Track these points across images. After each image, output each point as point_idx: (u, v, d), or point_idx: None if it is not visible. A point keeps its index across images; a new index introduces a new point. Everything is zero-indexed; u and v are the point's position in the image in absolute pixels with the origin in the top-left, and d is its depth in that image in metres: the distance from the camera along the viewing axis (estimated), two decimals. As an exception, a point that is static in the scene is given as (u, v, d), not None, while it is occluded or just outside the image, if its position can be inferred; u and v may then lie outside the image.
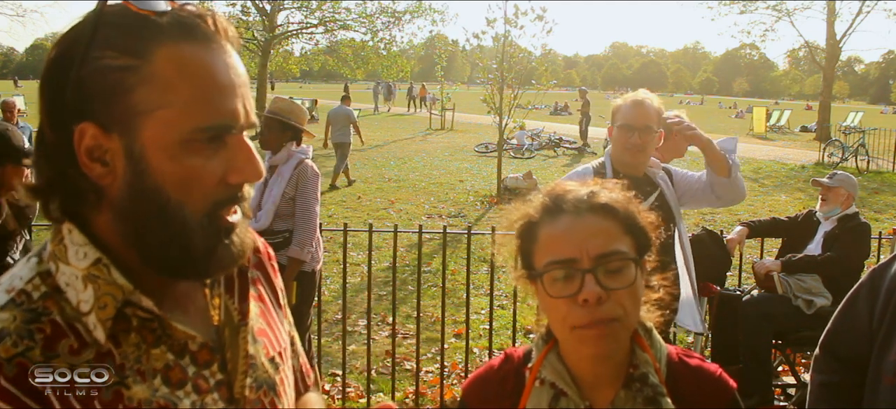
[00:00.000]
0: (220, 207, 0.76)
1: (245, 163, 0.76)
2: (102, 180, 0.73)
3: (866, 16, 25.38)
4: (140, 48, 0.70)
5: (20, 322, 0.70)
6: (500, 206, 10.55)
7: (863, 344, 1.43)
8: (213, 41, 0.74)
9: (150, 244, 0.74)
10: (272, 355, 0.90)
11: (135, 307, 0.75)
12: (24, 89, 50.35)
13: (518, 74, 11.13)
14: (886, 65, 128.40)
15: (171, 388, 0.76)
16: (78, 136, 0.71)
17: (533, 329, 1.27)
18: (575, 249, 1.00)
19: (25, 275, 0.74)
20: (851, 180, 4.20)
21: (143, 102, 0.70)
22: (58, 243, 0.75)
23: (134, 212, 0.73)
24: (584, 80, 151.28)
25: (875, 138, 16.94)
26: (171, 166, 0.71)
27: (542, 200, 1.08)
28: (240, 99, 0.75)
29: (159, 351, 0.76)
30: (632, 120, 2.52)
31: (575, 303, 0.99)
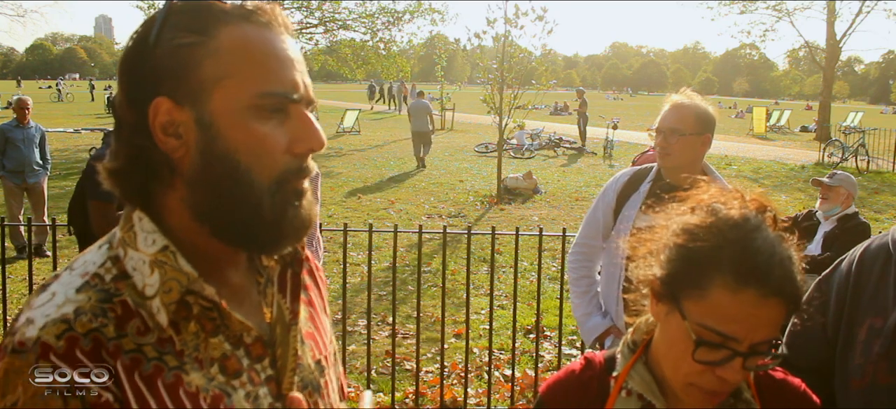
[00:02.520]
0: (287, 176, 0.80)
1: (307, 132, 0.80)
2: (176, 153, 0.78)
3: (866, 16, 25.40)
4: (206, 27, 0.77)
5: (94, 302, 0.74)
6: (500, 206, 10.56)
7: (820, 353, 1.44)
8: (272, 26, 0.81)
9: (223, 210, 0.78)
10: (318, 358, 0.93)
11: (196, 296, 0.78)
12: (24, 89, 50.40)
13: (518, 74, 11.13)
14: (886, 65, 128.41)
15: (227, 377, 0.79)
16: (152, 112, 0.76)
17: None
18: (743, 331, 0.91)
19: (98, 260, 0.79)
20: (851, 180, 4.20)
21: (211, 73, 0.77)
22: (128, 230, 0.80)
23: (207, 179, 0.77)
24: (584, 80, 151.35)
25: (875, 138, 16.95)
26: (239, 133, 0.77)
27: (733, 250, 0.93)
28: (299, 73, 0.81)
29: (217, 341, 0.80)
30: (661, 122, 2.42)
31: (711, 371, 0.93)
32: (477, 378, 4.28)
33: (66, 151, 16.64)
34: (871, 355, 1.31)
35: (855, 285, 1.39)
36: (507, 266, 6.76)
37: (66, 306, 0.73)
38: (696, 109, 2.41)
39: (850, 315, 1.38)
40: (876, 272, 1.36)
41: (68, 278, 0.77)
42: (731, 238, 0.94)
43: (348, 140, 20.86)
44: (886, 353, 1.28)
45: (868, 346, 1.32)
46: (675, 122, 2.40)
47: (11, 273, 5.81)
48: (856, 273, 1.39)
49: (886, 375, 1.28)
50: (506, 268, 6.72)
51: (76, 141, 19.14)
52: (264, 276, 0.90)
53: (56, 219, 3.87)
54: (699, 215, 0.98)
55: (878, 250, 1.38)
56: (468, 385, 3.90)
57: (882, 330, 1.31)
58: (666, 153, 2.41)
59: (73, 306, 0.73)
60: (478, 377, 4.30)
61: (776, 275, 0.91)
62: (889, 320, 1.30)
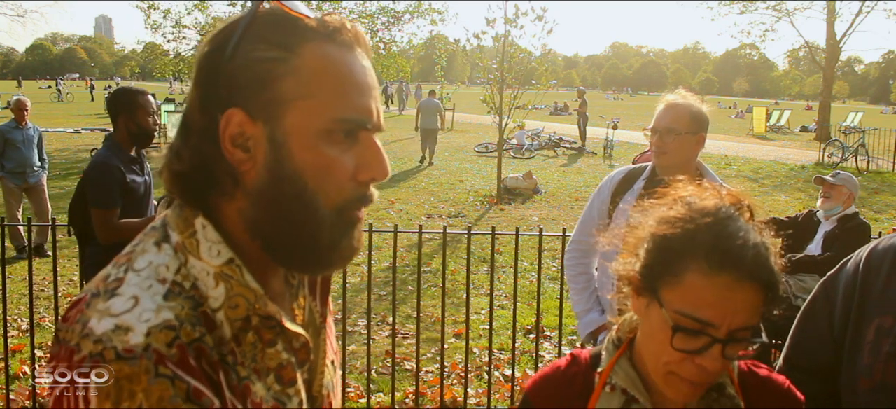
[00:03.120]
0: (350, 205, 0.79)
1: (374, 161, 0.79)
2: (242, 166, 0.76)
3: (866, 16, 25.41)
4: (290, 42, 0.76)
5: (189, 310, 0.72)
6: (500, 206, 10.56)
7: (826, 354, 1.44)
8: (353, 47, 0.79)
9: (282, 230, 0.76)
10: (332, 357, 0.94)
11: (254, 309, 0.77)
12: (24, 89, 50.41)
13: (518, 74, 11.13)
14: (886, 65, 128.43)
15: (283, 386, 0.79)
16: (224, 122, 0.75)
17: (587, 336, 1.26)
18: (718, 316, 0.92)
19: (172, 264, 0.75)
20: (854, 181, 4.20)
21: (289, 91, 0.75)
22: (189, 236, 0.77)
23: (272, 197, 0.76)
24: (583, 80, 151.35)
25: (875, 138, 16.95)
26: (309, 155, 0.75)
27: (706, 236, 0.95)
28: (374, 100, 0.80)
29: (275, 350, 0.79)
30: (656, 122, 2.46)
31: (690, 359, 0.94)
32: (477, 378, 4.28)
33: (66, 151, 16.64)
34: (879, 354, 1.31)
35: (862, 285, 1.38)
36: (507, 266, 6.76)
37: (163, 313, 0.70)
38: (690, 109, 2.45)
39: (858, 315, 1.38)
40: (884, 272, 1.36)
41: (140, 280, 0.73)
42: (704, 225, 0.95)
43: (348, 140, 20.83)
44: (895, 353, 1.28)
45: (877, 346, 1.32)
46: (670, 121, 2.43)
47: (11, 273, 5.81)
48: (863, 273, 1.39)
49: (895, 375, 1.28)
50: (506, 268, 6.72)
51: (76, 141, 19.13)
52: (296, 279, 0.89)
53: (56, 219, 3.87)
54: (675, 207, 1.00)
55: (886, 249, 1.38)
56: (468, 385, 3.90)
57: (891, 330, 1.30)
58: (662, 152, 2.44)
59: (172, 313, 0.70)
60: (478, 377, 4.30)
61: (749, 259, 0.93)
62: None
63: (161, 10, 18.11)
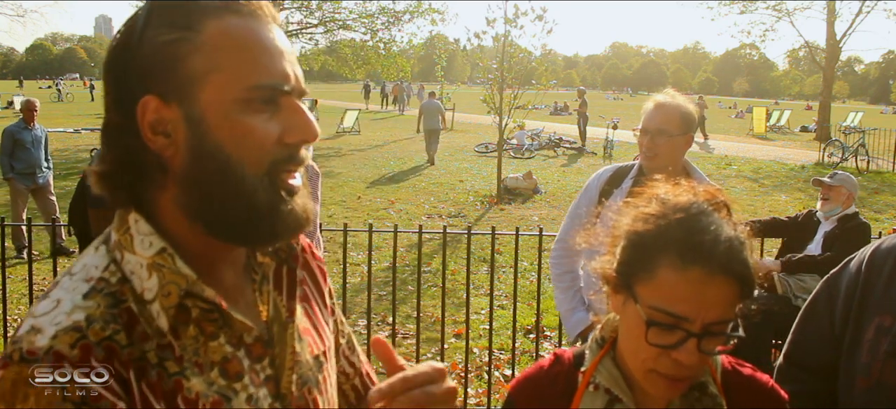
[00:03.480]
0: (278, 165, 0.78)
1: (300, 122, 0.78)
2: (166, 152, 0.76)
3: (866, 16, 25.40)
4: (190, 21, 0.76)
5: (104, 308, 0.73)
6: (500, 206, 10.56)
7: (826, 352, 1.44)
8: (258, 15, 0.79)
9: (216, 207, 0.76)
10: (317, 353, 0.92)
11: (195, 299, 0.77)
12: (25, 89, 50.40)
13: (518, 74, 11.13)
14: (886, 65, 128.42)
15: (228, 380, 0.78)
16: (140, 111, 0.75)
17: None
18: (692, 310, 0.93)
19: (100, 263, 0.77)
20: (852, 180, 4.20)
21: (198, 68, 0.75)
22: (123, 233, 0.78)
23: (198, 176, 0.76)
24: (583, 80, 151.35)
25: (875, 138, 16.95)
26: (228, 127, 0.75)
27: (677, 231, 0.96)
28: (289, 64, 0.79)
29: (217, 344, 0.78)
30: (646, 123, 2.45)
31: (667, 354, 0.94)
32: (477, 378, 4.28)
33: (67, 151, 16.65)
34: (878, 354, 1.31)
35: (864, 284, 1.39)
36: (507, 266, 6.76)
37: (75, 314, 0.71)
38: (680, 110, 2.45)
39: (859, 314, 1.38)
40: (886, 272, 1.36)
41: (71, 283, 0.76)
42: (675, 221, 0.96)
43: (348, 140, 20.87)
44: (894, 352, 1.28)
45: (875, 345, 1.32)
46: (661, 123, 2.43)
47: (11, 273, 5.81)
48: (866, 272, 1.39)
49: (893, 374, 1.28)
50: (506, 268, 6.72)
51: (76, 141, 19.14)
52: (260, 273, 0.88)
53: (56, 219, 3.87)
54: (650, 205, 1.01)
55: (889, 249, 1.38)
56: (468, 385, 3.90)
57: (890, 329, 1.30)
58: (653, 155, 2.44)
59: (84, 313, 0.72)
60: (478, 377, 4.30)
61: (721, 253, 0.93)
62: None
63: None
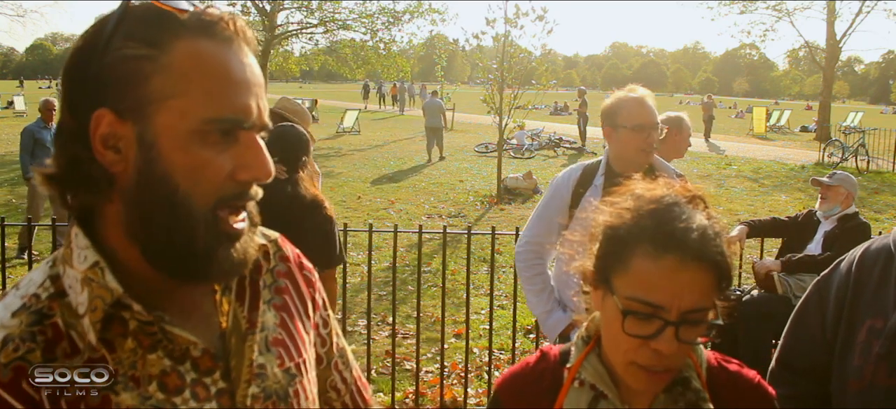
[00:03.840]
0: (225, 203, 0.76)
1: (254, 160, 0.76)
2: (114, 168, 0.74)
3: (866, 16, 25.39)
4: (159, 39, 0.73)
5: (25, 326, 0.72)
6: (500, 206, 10.56)
7: (818, 355, 1.44)
8: (232, 41, 0.76)
9: (155, 235, 0.74)
10: (288, 365, 0.88)
11: (131, 312, 0.75)
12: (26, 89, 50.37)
13: (518, 74, 11.13)
14: (886, 65, 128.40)
15: (167, 394, 0.76)
16: (94, 122, 0.72)
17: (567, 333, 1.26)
18: (667, 298, 0.94)
19: (38, 279, 0.77)
20: (851, 180, 4.20)
21: (158, 90, 0.72)
22: (67, 246, 0.77)
23: (141, 199, 0.73)
24: (584, 80, 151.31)
25: (875, 138, 16.94)
26: (180, 156, 0.73)
27: (649, 221, 0.98)
28: (254, 98, 0.77)
29: (155, 357, 0.76)
30: (644, 119, 2.43)
31: (646, 345, 0.95)
32: (477, 378, 4.28)
33: (66, 151, 16.62)
34: (870, 356, 1.31)
35: (855, 286, 1.38)
36: (507, 266, 6.76)
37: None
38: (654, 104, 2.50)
39: (850, 316, 1.38)
40: (877, 273, 1.36)
41: (11, 299, 0.75)
42: (648, 212, 0.99)
43: (348, 140, 20.86)
44: (886, 354, 1.28)
45: (867, 347, 1.32)
46: (653, 118, 2.45)
47: (11, 273, 5.81)
48: (856, 274, 1.39)
49: (885, 377, 1.28)
50: (506, 268, 6.72)
51: (76, 141, 19.12)
52: (222, 284, 0.86)
53: (56, 219, 3.87)
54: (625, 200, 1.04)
55: (878, 250, 1.38)
56: (468, 385, 3.90)
57: (882, 331, 1.30)
58: (650, 150, 2.46)
59: (3, 333, 0.71)
60: (478, 377, 4.30)
61: (693, 240, 0.95)
62: (889, 322, 1.30)
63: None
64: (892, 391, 1.27)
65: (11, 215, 8.61)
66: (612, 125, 2.49)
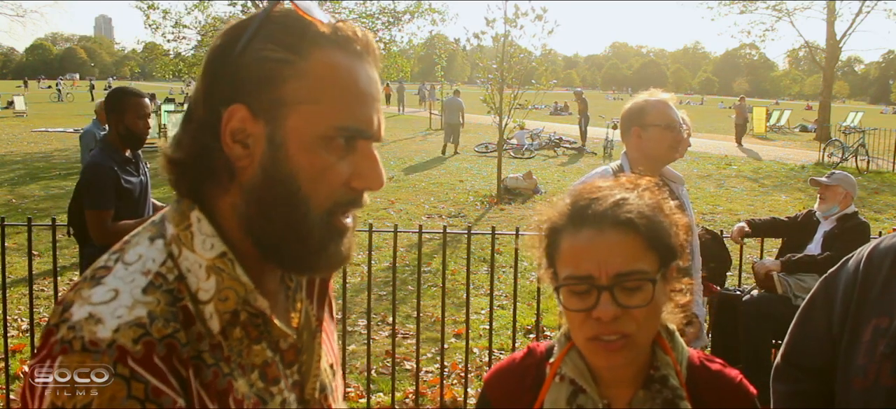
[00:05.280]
0: (339, 208, 0.79)
1: (370, 171, 0.79)
2: (239, 162, 0.77)
3: (866, 16, 25.40)
4: (299, 46, 0.76)
5: (164, 305, 0.73)
6: (500, 206, 10.56)
7: (824, 352, 1.44)
8: (363, 57, 0.80)
9: (272, 230, 0.77)
10: (331, 362, 0.94)
11: (245, 303, 0.78)
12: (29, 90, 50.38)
13: (518, 74, 11.13)
14: (886, 65, 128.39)
15: (266, 383, 0.80)
16: (227, 116, 0.75)
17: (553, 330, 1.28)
18: (594, 266, 0.99)
19: (157, 256, 0.77)
20: (850, 180, 4.20)
21: (293, 94, 0.76)
22: (184, 229, 0.78)
23: (264, 196, 0.77)
24: (584, 80, 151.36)
25: (875, 138, 16.95)
26: (306, 158, 0.76)
27: (568, 205, 1.06)
28: (376, 111, 0.80)
29: (260, 347, 0.80)
30: (675, 118, 2.51)
31: (590, 317, 1.00)
32: (477, 378, 4.27)
33: (67, 151, 16.64)
34: (874, 355, 1.30)
35: (862, 284, 1.38)
36: (507, 266, 6.76)
37: (137, 309, 0.71)
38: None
39: (856, 315, 1.37)
40: (884, 272, 1.35)
41: (126, 273, 0.74)
42: (570, 199, 1.07)
43: (348, 140, 20.83)
44: (891, 354, 1.28)
45: (872, 346, 1.32)
46: (678, 119, 2.51)
47: (11, 273, 5.81)
48: (863, 272, 1.39)
49: (889, 376, 1.27)
50: (506, 268, 6.72)
51: (76, 141, 19.11)
52: (294, 281, 0.90)
53: (56, 219, 3.87)
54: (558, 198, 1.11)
55: (887, 249, 1.37)
56: (468, 385, 3.90)
57: (888, 331, 1.30)
58: (679, 147, 2.53)
59: (145, 308, 0.71)
60: (478, 377, 4.30)
61: (608, 208, 1.02)
62: (895, 321, 1.30)
63: (160, 10, 18.10)
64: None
65: (11, 215, 8.60)
66: (640, 125, 2.53)
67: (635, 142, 2.56)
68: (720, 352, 3.92)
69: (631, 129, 2.56)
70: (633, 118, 2.56)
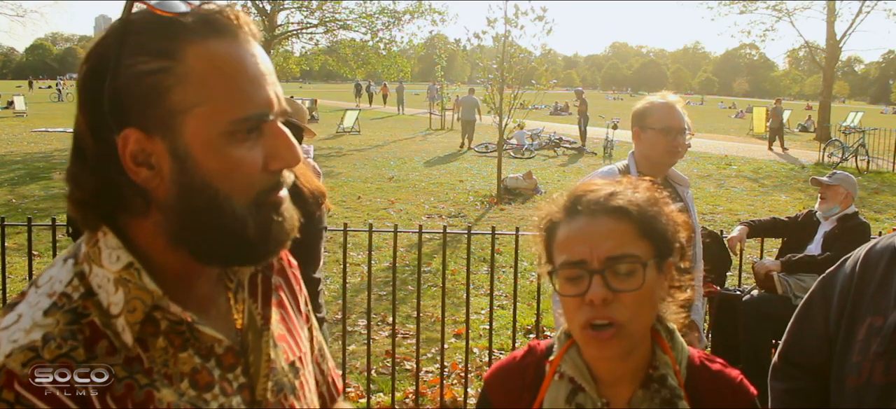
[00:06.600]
0: (264, 194, 0.77)
1: (284, 149, 0.77)
2: (149, 184, 0.74)
3: (866, 16, 25.40)
4: (171, 49, 0.72)
5: (63, 325, 0.71)
6: (500, 206, 10.56)
7: (821, 351, 1.45)
8: (239, 35, 0.76)
9: (205, 237, 0.75)
10: (292, 360, 0.91)
11: (163, 311, 0.76)
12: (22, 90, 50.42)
13: (518, 74, 11.13)
14: (886, 65, 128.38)
15: (198, 391, 0.78)
16: (122, 143, 0.72)
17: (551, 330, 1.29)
18: (586, 250, 1.02)
19: (64, 278, 0.76)
20: (850, 180, 4.20)
21: (181, 101, 0.72)
22: (93, 246, 0.77)
23: (185, 209, 0.74)
24: (584, 80, 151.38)
25: (875, 138, 16.94)
26: (215, 160, 0.74)
27: (564, 199, 1.10)
28: (271, 87, 0.77)
29: (187, 355, 0.78)
30: (673, 122, 2.50)
31: (584, 302, 1.01)
32: (477, 378, 4.27)
33: (67, 151, 16.55)
34: (868, 353, 1.31)
35: (858, 284, 1.39)
36: (507, 266, 6.76)
37: (33, 332, 0.70)
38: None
39: (852, 314, 1.38)
40: (880, 272, 1.36)
41: (35, 297, 0.75)
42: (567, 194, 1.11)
43: (348, 140, 20.86)
44: (884, 352, 1.29)
45: (866, 345, 1.32)
46: (682, 122, 2.51)
47: (11, 273, 5.81)
48: (860, 272, 1.40)
49: (882, 374, 1.28)
50: (506, 268, 6.72)
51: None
52: (234, 281, 0.88)
53: (56, 219, 3.87)
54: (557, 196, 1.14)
55: (883, 250, 1.38)
56: (468, 385, 3.90)
57: (881, 330, 1.31)
58: (677, 152, 2.52)
59: (42, 331, 0.70)
60: (478, 377, 4.30)
61: (601, 198, 1.05)
62: (889, 320, 1.30)
63: (161, 11, 18.09)
64: (888, 388, 1.27)
65: (11, 215, 8.60)
66: (640, 126, 2.56)
67: (636, 142, 2.60)
68: (720, 352, 3.92)
69: (634, 128, 2.60)
70: (636, 118, 2.60)
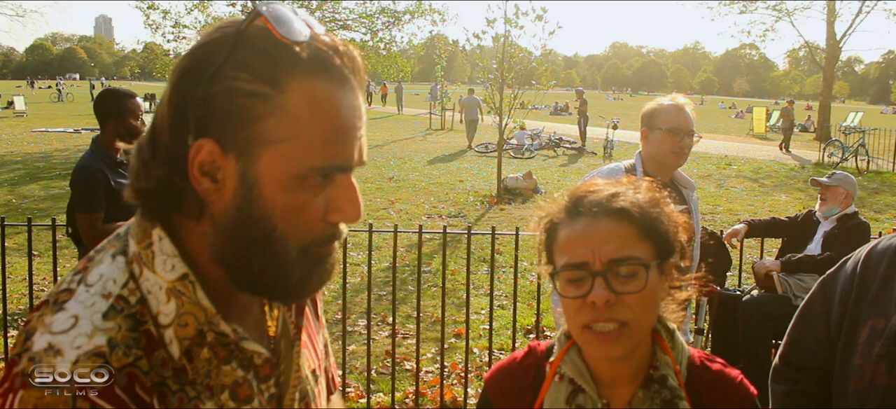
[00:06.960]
0: (316, 244, 0.76)
1: (348, 204, 0.75)
2: (209, 196, 0.73)
3: (866, 16, 25.43)
4: (276, 77, 0.70)
5: (125, 331, 0.70)
6: (500, 206, 10.56)
7: (822, 353, 1.44)
8: (346, 81, 0.74)
9: (248, 267, 0.74)
10: (313, 367, 0.91)
11: (212, 325, 0.75)
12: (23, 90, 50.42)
13: (518, 74, 11.13)
14: (886, 65, 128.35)
15: (238, 403, 0.77)
16: (194, 149, 0.71)
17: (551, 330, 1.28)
18: (588, 252, 1.01)
19: (118, 278, 0.74)
20: (850, 180, 4.20)
21: (269, 132, 0.70)
22: (145, 247, 0.75)
23: (238, 234, 0.73)
24: (584, 80, 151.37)
25: (875, 138, 16.95)
26: (282, 198, 0.72)
27: (566, 199, 1.10)
28: (358, 141, 0.75)
29: (230, 368, 0.77)
30: (679, 124, 2.52)
31: (585, 304, 1.01)
32: (477, 378, 4.27)
33: (67, 151, 16.63)
34: (870, 356, 1.31)
35: (859, 285, 1.38)
36: (507, 266, 6.76)
37: (97, 337, 0.68)
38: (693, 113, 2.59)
39: (853, 315, 1.38)
40: (881, 273, 1.36)
41: (87, 296, 0.71)
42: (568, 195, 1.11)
43: (348, 140, 20.84)
44: (886, 354, 1.28)
45: (868, 347, 1.32)
46: (689, 124, 2.53)
47: (11, 273, 5.81)
48: (861, 273, 1.39)
49: (885, 376, 1.28)
50: (506, 268, 6.72)
51: (76, 141, 19.12)
52: None
53: (56, 219, 3.87)
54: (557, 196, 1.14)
55: (884, 250, 1.38)
56: (468, 385, 3.90)
57: (884, 331, 1.30)
58: (682, 154, 2.54)
59: (105, 336, 0.68)
60: (478, 377, 4.30)
61: (602, 200, 1.05)
62: (891, 322, 1.30)
63: (160, 11, 18.11)
64: (891, 390, 1.27)
65: (11, 215, 8.60)
66: (649, 127, 2.58)
67: (644, 142, 2.62)
68: (720, 352, 3.92)
69: (643, 129, 2.63)
70: (645, 118, 2.62)
